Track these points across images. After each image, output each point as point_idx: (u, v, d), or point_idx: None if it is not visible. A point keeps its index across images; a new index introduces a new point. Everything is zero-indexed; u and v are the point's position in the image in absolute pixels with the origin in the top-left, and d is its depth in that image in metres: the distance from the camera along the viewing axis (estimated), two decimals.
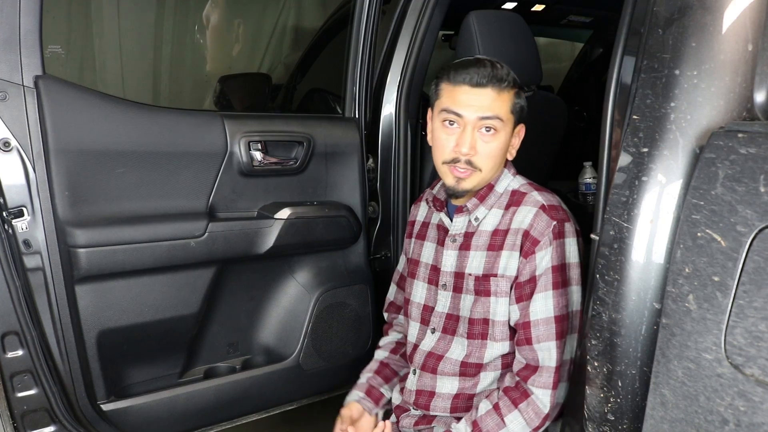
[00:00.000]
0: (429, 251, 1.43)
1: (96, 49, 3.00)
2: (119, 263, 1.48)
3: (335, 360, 1.88)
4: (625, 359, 0.92)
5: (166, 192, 1.55)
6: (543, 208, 1.23)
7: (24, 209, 1.38)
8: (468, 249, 1.31)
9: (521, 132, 1.32)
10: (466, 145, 1.22)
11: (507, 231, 1.25)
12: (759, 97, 0.86)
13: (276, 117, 1.80)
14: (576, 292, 1.24)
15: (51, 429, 1.48)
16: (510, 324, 1.27)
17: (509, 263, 1.24)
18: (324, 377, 1.87)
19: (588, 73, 3.53)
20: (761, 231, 0.72)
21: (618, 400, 0.94)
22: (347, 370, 1.94)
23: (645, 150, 0.90)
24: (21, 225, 1.38)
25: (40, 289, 1.43)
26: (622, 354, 0.92)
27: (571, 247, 1.23)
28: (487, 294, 1.27)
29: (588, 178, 2.50)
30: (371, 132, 1.94)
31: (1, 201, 1.36)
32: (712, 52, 0.85)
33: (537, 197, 1.26)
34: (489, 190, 1.31)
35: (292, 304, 1.83)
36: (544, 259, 1.21)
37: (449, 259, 1.35)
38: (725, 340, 0.74)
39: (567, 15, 3.26)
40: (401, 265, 1.60)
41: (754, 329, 0.72)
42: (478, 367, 1.30)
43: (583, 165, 2.53)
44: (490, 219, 1.29)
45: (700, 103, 0.86)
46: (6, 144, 1.34)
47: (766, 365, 0.70)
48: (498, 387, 1.29)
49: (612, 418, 0.95)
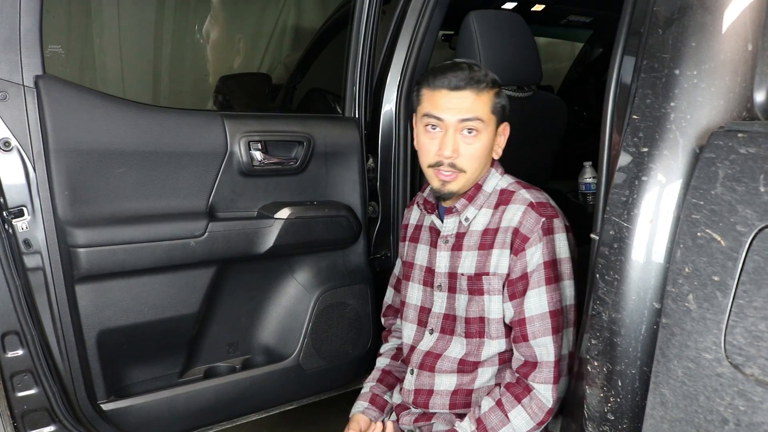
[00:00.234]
0: (423, 253, 1.43)
1: (96, 49, 3.00)
2: (119, 263, 1.48)
3: (335, 360, 1.88)
4: (625, 359, 0.92)
5: (166, 192, 1.55)
6: (531, 205, 1.24)
7: (24, 209, 1.38)
8: (460, 249, 1.32)
9: (506, 131, 1.32)
10: (448, 149, 1.24)
11: (497, 230, 1.26)
12: (759, 97, 0.86)
13: (276, 117, 1.80)
14: (568, 286, 1.25)
15: (51, 428, 1.48)
16: (505, 321, 1.27)
17: (500, 261, 1.25)
18: (324, 377, 1.87)
19: (588, 73, 3.54)
20: (761, 231, 0.72)
21: (618, 399, 0.94)
22: (347, 369, 1.95)
23: (645, 150, 0.90)
24: (21, 225, 1.38)
25: (40, 289, 1.43)
26: (622, 353, 0.92)
27: (561, 243, 1.24)
28: (481, 293, 1.28)
29: (588, 177, 2.50)
30: (371, 132, 1.94)
31: (2, 201, 1.36)
32: (711, 51, 0.85)
33: (525, 195, 1.27)
34: (477, 190, 1.32)
35: (292, 303, 1.83)
36: (534, 256, 1.22)
37: (442, 260, 1.36)
38: (725, 339, 0.74)
39: (567, 15, 3.27)
40: (397, 269, 1.61)
41: (753, 329, 0.72)
42: (476, 365, 1.31)
43: (583, 165, 2.53)
44: (480, 219, 1.30)
45: (700, 103, 0.86)
46: (6, 144, 1.34)
47: (765, 365, 0.70)
48: (498, 383, 1.30)
49: (612, 417, 0.95)
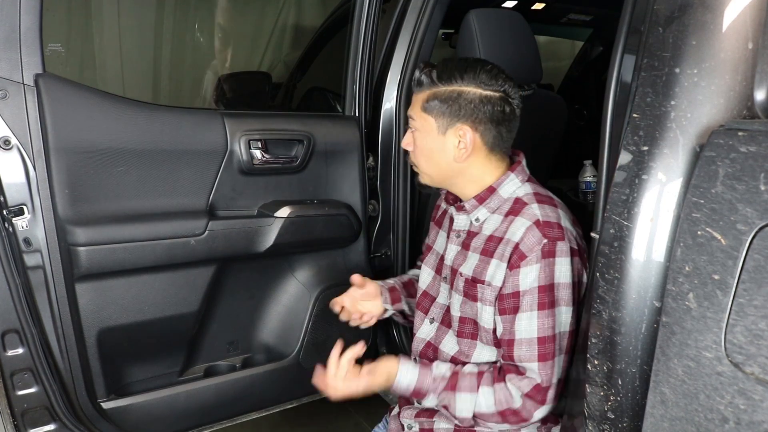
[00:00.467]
0: (441, 240, 1.43)
1: (96, 48, 3.00)
2: (119, 261, 1.48)
3: None
4: (626, 357, 0.92)
5: (166, 190, 1.55)
6: (537, 223, 1.19)
7: (24, 207, 1.38)
8: (467, 249, 1.31)
9: (465, 133, 1.24)
10: (403, 140, 1.35)
11: (500, 240, 1.23)
12: (759, 96, 0.86)
13: (276, 115, 1.80)
14: (565, 312, 1.20)
15: (51, 427, 1.48)
16: (497, 334, 1.26)
17: (496, 273, 1.22)
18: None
19: (588, 72, 3.54)
20: (761, 229, 0.72)
21: (618, 398, 0.94)
22: None
23: (645, 148, 0.90)
24: (21, 223, 1.38)
25: (40, 287, 1.43)
26: (622, 352, 0.92)
27: (562, 267, 1.19)
28: (474, 299, 1.26)
29: (588, 176, 2.50)
30: (371, 130, 1.95)
31: (2, 199, 1.36)
32: (712, 50, 0.85)
33: (535, 211, 1.22)
34: (490, 192, 1.29)
35: (292, 302, 1.83)
36: (528, 276, 1.18)
37: (450, 253, 1.35)
38: (725, 338, 0.74)
39: (567, 13, 3.27)
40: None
41: (754, 327, 0.72)
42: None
43: (584, 163, 2.54)
44: (490, 223, 1.28)
45: (700, 102, 0.86)
46: (6, 142, 1.34)
47: (766, 363, 0.70)
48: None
49: (612, 416, 0.95)
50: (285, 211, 1.69)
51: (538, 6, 3.10)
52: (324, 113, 2.19)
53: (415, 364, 1.30)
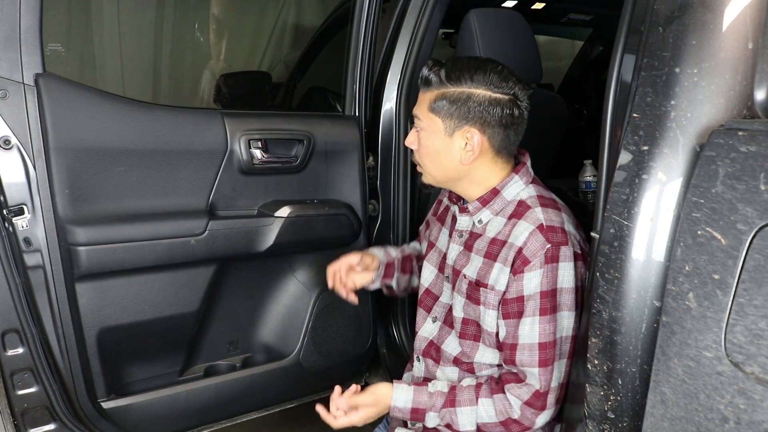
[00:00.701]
0: (444, 238, 1.42)
1: (96, 47, 3.00)
2: (119, 261, 1.48)
3: (335, 358, 1.88)
4: (626, 357, 0.92)
5: (166, 190, 1.55)
6: (541, 228, 1.18)
7: (24, 207, 1.38)
8: (470, 250, 1.30)
9: (472, 136, 1.22)
10: (407, 138, 1.33)
11: (504, 243, 1.22)
12: (759, 95, 0.86)
13: (276, 115, 1.79)
14: (567, 317, 1.20)
15: (51, 427, 1.48)
16: (499, 338, 1.25)
17: (500, 277, 1.21)
18: (324, 375, 1.87)
19: (588, 71, 3.54)
20: (761, 229, 0.72)
21: (618, 398, 0.94)
22: (347, 368, 1.95)
23: (645, 148, 0.90)
24: (21, 223, 1.38)
25: (40, 287, 1.43)
26: (622, 352, 0.92)
27: (566, 272, 1.18)
28: (477, 302, 1.26)
29: (588, 176, 2.50)
30: (371, 130, 1.94)
31: (2, 199, 1.36)
32: (712, 50, 0.85)
33: (539, 215, 1.20)
34: (494, 194, 1.27)
35: (292, 302, 1.83)
36: (532, 282, 1.17)
37: (452, 253, 1.35)
38: (725, 338, 0.74)
39: (567, 13, 3.27)
40: (422, 227, 1.63)
41: (754, 327, 0.72)
42: (471, 365, 1.31)
43: (584, 163, 2.53)
44: (493, 225, 1.27)
45: (700, 101, 0.86)
46: (6, 142, 1.34)
47: (766, 363, 0.70)
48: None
49: (612, 416, 0.95)
50: (285, 211, 1.69)
51: (538, 6, 3.10)
52: (324, 113, 2.19)
53: (409, 384, 1.29)
